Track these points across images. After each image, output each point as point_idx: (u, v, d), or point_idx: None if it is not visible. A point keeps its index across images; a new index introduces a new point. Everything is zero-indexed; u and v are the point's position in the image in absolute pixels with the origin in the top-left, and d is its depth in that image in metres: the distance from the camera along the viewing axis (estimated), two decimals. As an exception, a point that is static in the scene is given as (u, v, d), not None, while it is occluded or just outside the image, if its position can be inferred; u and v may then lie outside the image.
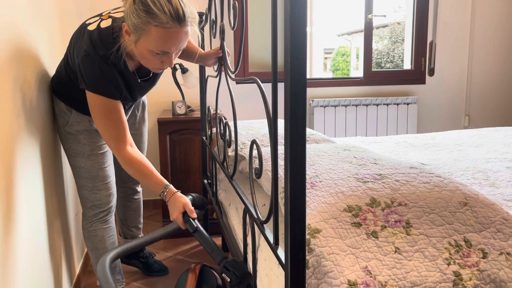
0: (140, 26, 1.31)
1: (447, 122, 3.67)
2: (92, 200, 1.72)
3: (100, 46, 1.42)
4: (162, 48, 1.35)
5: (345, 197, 1.12)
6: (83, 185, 1.70)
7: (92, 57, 1.41)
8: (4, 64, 1.22)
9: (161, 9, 1.28)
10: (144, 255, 2.24)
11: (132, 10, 1.31)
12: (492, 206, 1.12)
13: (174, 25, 1.31)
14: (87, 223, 1.76)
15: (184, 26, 1.34)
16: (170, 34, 1.32)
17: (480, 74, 3.67)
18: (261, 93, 1.10)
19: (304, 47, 0.79)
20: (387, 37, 12.16)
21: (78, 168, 1.67)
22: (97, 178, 1.69)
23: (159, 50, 1.35)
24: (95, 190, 1.70)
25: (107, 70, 1.43)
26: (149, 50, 1.36)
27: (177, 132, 2.63)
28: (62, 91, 1.62)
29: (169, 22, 1.30)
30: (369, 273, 0.97)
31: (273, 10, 0.94)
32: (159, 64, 1.42)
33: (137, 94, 1.62)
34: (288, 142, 0.82)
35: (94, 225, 1.75)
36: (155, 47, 1.34)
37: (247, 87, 3.32)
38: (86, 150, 1.65)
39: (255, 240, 1.34)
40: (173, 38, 1.33)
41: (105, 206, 1.74)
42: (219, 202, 2.13)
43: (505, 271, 1.02)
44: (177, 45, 1.36)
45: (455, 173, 1.76)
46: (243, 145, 1.80)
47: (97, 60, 1.42)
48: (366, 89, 3.52)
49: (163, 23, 1.30)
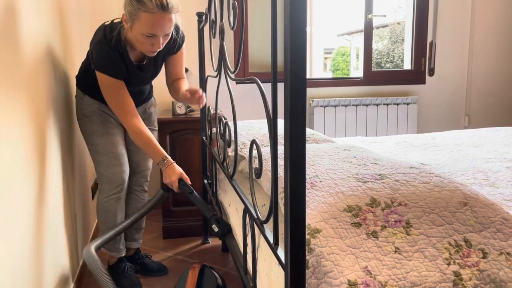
0: (133, 13, 1.63)
1: (447, 122, 3.67)
2: (107, 175, 1.96)
3: (109, 35, 1.75)
4: (150, 30, 1.64)
5: (345, 197, 1.12)
6: (100, 161, 1.95)
7: (102, 44, 1.74)
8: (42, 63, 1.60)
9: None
10: (140, 257, 2.25)
11: (127, 0, 1.64)
12: (492, 206, 1.12)
13: (159, 11, 1.61)
14: (103, 197, 1.99)
15: (168, 13, 1.64)
16: (156, 19, 1.62)
17: (480, 74, 3.67)
18: (261, 93, 1.10)
19: (304, 47, 0.79)
20: (387, 37, 12.15)
21: (95, 145, 1.94)
22: (111, 154, 1.95)
23: (148, 33, 1.65)
24: (110, 165, 1.95)
25: (112, 55, 1.75)
26: (141, 33, 1.66)
27: (177, 132, 2.63)
28: (81, 81, 1.95)
29: (154, 9, 1.60)
30: (369, 273, 0.97)
31: (273, 10, 0.94)
32: (150, 46, 1.70)
33: (133, 79, 1.87)
34: (288, 142, 0.82)
35: (109, 201, 1.99)
36: (145, 30, 1.64)
37: (247, 87, 3.32)
38: (100, 129, 1.93)
39: (255, 240, 1.34)
40: (159, 22, 1.63)
41: (119, 181, 1.98)
42: (219, 202, 2.13)
43: (505, 271, 1.02)
44: (162, 28, 1.65)
45: (455, 173, 1.76)
46: (243, 145, 1.80)
47: (105, 46, 1.74)
48: (366, 89, 3.52)
49: (150, 9, 1.60)
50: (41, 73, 1.59)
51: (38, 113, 1.51)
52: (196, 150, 2.66)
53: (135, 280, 2.09)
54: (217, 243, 2.61)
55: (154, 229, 2.86)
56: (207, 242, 2.62)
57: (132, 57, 1.83)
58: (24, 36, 1.40)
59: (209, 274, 1.84)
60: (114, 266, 2.12)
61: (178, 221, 2.69)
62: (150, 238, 2.71)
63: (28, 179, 1.38)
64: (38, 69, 1.55)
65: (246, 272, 1.46)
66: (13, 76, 1.26)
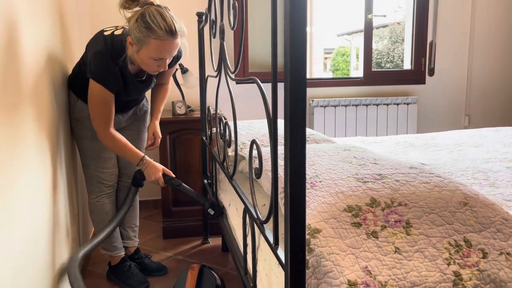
0: (141, 39, 1.68)
1: (447, 122, 3.67)
2: (96, 177, 2.01)
3: (110, 47, 1.76)
4: (159, 55, 1.71)
5: (345, 197, 1.12)
6: (89, 164, 2.00)
7: (102, 54, 1.75)
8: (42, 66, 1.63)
9: (158, 26, 1.65)
10: (139, 257, 2.25)
11: (135, 26, 1.67)
12: (492, 206, 1.12)
13: (168, 37, 1.68)
14: (93, 197, 2.03)
15: (176, 38, 1.71)
16: (165, 45, 1.69)
17: (480, 74, 3.67)
18: (261, 93, 1.10)
19: (304, 47, 0.79)
20: (387, 37, 12.15)
21: (84, 149, 1.98)
22: (99, 159, 1.99)
23: (157, 57, 1.72)
24: (98, 168, 2.00)
25: (111, 66, 1.76)
26: (149, 57, 1.72)
27: (177, 132, 2.63)
28: (74, 84, 1.96)
29: (164, 35, 1.66)
30: (369, 273, 0.97)
31: (273, 10, 0.94)
32: (156, 67, 1.77)
33: (131, 91, 1.90)
34: (288, 142, 0.82)
35: (100, 199, 2.03)
36: (154, 55, 1.70)
37: (247, 87, 3.32)
38: (89, 134, 1.94)
39: (255, 240, 1.34)
40: (168, 47, 1.70)
41: (108, 182, 2.03)
42: (219, 202, 2.13)
43: (505, 271, 1.02)
44: (170, 52, 1.73)
45: (455, 173, 1.76)
46: (243, 145, 1.80)
47: (106, 57, 1.75)
48: (366, 89, 3.52)
49: (160, 36, 1.66)
50: (43, 76, 1.59)
51: (39, 114, 1.51)
52: (196, 150, 2.66)
53: (141, 278, 2.11)
54: (217, 243, 2.61)
55: (154, 229, 2.86)
56: (207, 242, 2.62)
57: (131, 69, 1.86)
58: (24, 40, 1.40)
59: (208, 274, 1.84)
60: (117, 266, 2.13)
61: (178, 221, 2.69)
62: (150, 238, 2.71)
63: (30, 178, 1.38)
64: (40, 72, 1.56)
65: (246, 272, 1.46)
66: (16, 80, 1.26)
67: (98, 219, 2.05)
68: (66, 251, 1.87)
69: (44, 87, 1.63)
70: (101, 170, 2.00)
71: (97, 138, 1.91)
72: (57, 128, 1.80)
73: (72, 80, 1.98)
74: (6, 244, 1.17)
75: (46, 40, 1.70)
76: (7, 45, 1.23)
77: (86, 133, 1.95)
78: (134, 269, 2.13)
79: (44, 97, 1.62)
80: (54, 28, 1.86)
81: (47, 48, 1.72)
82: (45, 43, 1.68)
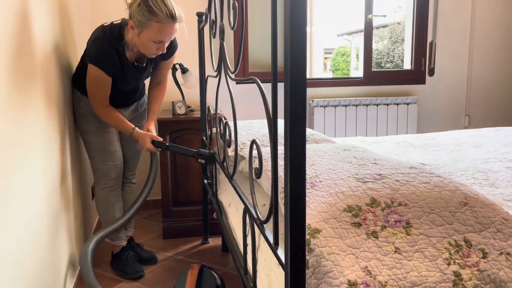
0: (144, 22, 1.79)
1: (447, 122, 3.67)
2: (102, 169, 2.13)
3: (108, 33, 1.88)
4: (159, 38, 1.82)
5: (345, 197, 1.12)
6: (94, 157, 2.12)
7: (100, 40, 1.87)
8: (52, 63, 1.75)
9: (160, 10, 1.77)
10: (132, 245, 2.37)
11: (137, 10, 1.78)
12: (492, 206, 1.12)
13: (169, 21, 1.80)
14: (99, 190, 2.17)
15: (176, 22, 1.82)
16: (166, 28, 1.81)
17: (480, 74, 3.66)
18: (261, 93, 1.10)
19: (304, 47, 0.79)
20: (387, 37, 12.14)
21: (89, 143, 2.10)
22: (104, 151, 2.11)
23: (157, 40, 1.83)
24: (103, 161, 2.12)
25: (109, 51, 1.87)
26: (149, 39, 1.83)
27: (177, 132, 2.63)
28: (77, 81, 2.06)
29: (165, 19, 1.78)
30: (369, 273, 0.97)
31: (273, 10, 0.94)
32: (155, 50, 1.88)
33: (128, 77, 2.00)
34: (288, 142, 0.82)
35: (106, 192, 2.17)
36: (154, 37, 1.82)
37: (247, 87, 3.32)
38: (94, 128, 2.08)
39: (255, 240, 1.34)
40: (168, 30, 1.82)
41: (113, 175, 2.15)
42: (219, 202, 2.13)
43: (505, 271, 1.02)
44: (170, 35, 1.85)
45: (455, 173, 1.76)
46: (243, 145, 1.79)
47: (104, 42, 1.86)
48: (366, 89, 3.52)
49: (161, 19, 1.78)
50: (49, 75, 1.60)
51: (39, 112, 1.51)
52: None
53: (138, 267, 2.24)
54: (217, 243, 2.61)
55: (154, 229, 2.86)
56: (207, 242, 2.62)
57: (129, 56, 1.96)
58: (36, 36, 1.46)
59: (208, 274, 1.84)
60: (118, 255, 2.28)
61: (178, 221, 2.69)
62: (150, 238, 2.71)
63: (29, 178, 1.38)
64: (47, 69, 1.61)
65: (246, 272, 1.46)
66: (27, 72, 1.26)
67: (102, 209, 2.20)
68: (66, 251, 1.87)
69: (54, 82, 1.74)
70: (106, 163, 2.11)
71: (101, 132, 2.09)
72: (63, 127, 1.85)
73: (76, 78, 2.07)
74: (6, 244, 1.17)
75: (52, 37, 1.78)
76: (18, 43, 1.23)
77: (91, 127, 2.08)
78: (132, 258, 2.27)
79: (54, 93, 1.72)
80: (59, 25, 1.92)
81: (55, 44, 1.82)
82: (51, 40, 1.76)
